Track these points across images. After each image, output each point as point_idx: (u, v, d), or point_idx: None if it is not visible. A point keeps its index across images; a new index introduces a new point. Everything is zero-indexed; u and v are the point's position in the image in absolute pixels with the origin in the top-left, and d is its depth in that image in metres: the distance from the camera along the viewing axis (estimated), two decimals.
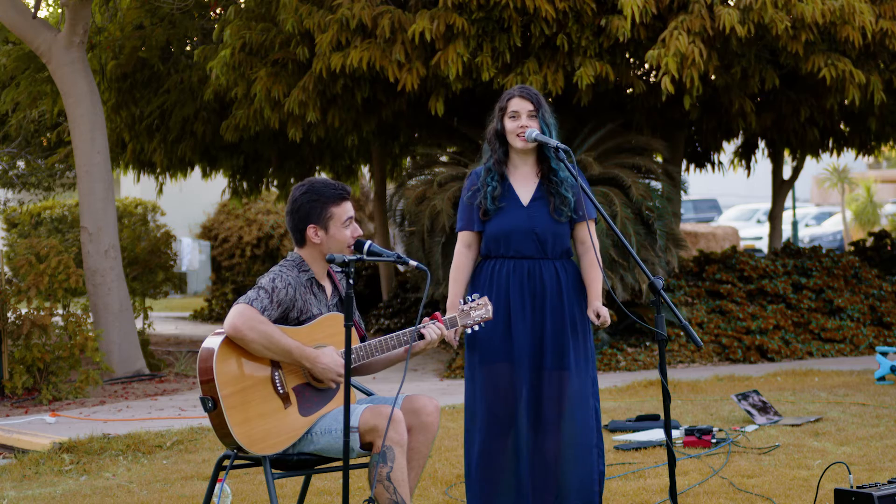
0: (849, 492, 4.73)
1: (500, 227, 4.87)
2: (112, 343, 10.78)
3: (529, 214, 4.86)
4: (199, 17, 13.34)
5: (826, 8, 9.79)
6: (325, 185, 4.57)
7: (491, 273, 4.90)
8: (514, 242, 4.86)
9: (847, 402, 8.32)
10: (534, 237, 4.85)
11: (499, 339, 4.85)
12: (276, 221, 23.15)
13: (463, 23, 9.93)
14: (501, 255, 4.90)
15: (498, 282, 4.87)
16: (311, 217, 4.53)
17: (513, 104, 4.88)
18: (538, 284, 4.84)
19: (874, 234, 16.29)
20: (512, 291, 4.85)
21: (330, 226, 4.53)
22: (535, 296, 4.84)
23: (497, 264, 4.90)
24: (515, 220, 4.86)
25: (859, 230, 27.79)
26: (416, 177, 12.34)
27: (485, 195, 4.88)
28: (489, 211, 4.87)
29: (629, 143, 11.93)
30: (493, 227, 4.89)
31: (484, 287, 4.88)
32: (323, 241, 4.54)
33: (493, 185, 4.88)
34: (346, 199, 4.57)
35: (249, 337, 4.31)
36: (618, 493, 5.68)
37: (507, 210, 4.87)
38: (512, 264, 4.87)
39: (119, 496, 6.04)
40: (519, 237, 4.85)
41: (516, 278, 4.86)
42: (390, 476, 4.32)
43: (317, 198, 4.54)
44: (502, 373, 4.84)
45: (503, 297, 4.85)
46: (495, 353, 4.85)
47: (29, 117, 14.78)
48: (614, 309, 11.36)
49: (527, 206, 4.88)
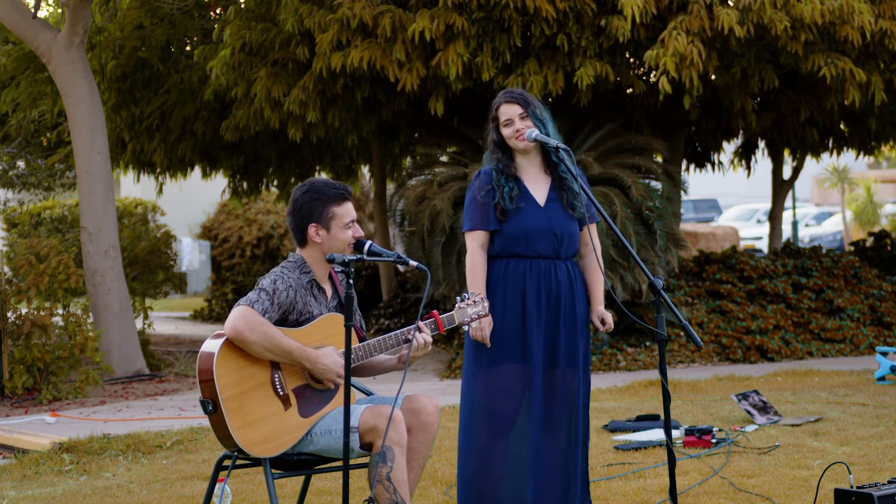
0: (849, 492, 4.73)
1: (520, 227, 4.87)
2: (112, 343, 10.78)
3: (547, 215, 4.89)
4: (199, 17, 13.34)
5: (825, 8, 9.80)
6: (326, 184, 4.58)
7: (504, 272, 4.89)
8: (532, 242, 4.87)
9: (847, 402, 8.32)
10: (552, 237, 4.87)
11: (512, 339, 4.85)
12: (276, 221, 23.15)
13: (463, 23, 9.93)
14: (517, 255, 4.89)
15: (514, 281, 4.87)
16: (312, 216, 4.53)
17: (502, 112, 4.91)
18: (553, 284, 4.87)
19: (874, 234, 16.29)
20: (528, 291, 4.86)
21: (332, 225, 4.53)
22: (549, 295, 4.86)
23: (511, 264, 4.90)
24: (535, 221, 4.87)
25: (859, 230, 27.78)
26: (416, 177, 12.34)
27: (502, 195, 4.88)
28: (507, 211, 4.87)
29: (629, 143, 11.93)
30: (512, 226, 4.88)
31: (497, 287, 4.88)
32: (324, 241, 4.54)
33: (511, 186, 4.89)
34: (347, 200, 4.57)
35: (251, 339, 4.31)
36: (618, 493, 5.68)
37: (525, 210, 4.88)
38: (528, 263, 4.88)
39: (119, 496, 6.04)
40: (538, 237, 4.87)
41: (532, 278, 4.87)
42: (390, 476, 4.32)
43: (318, 197, 4.54)
44: (513, 373, 4.85)
45: (519, 297, 4.86)
46: (507, 354, 4.85)
47: (29, 117, 14.78)
48: (614, 309, 11.36)
49: (544, 207, 4.90)
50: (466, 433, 4.94)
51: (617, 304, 10.80)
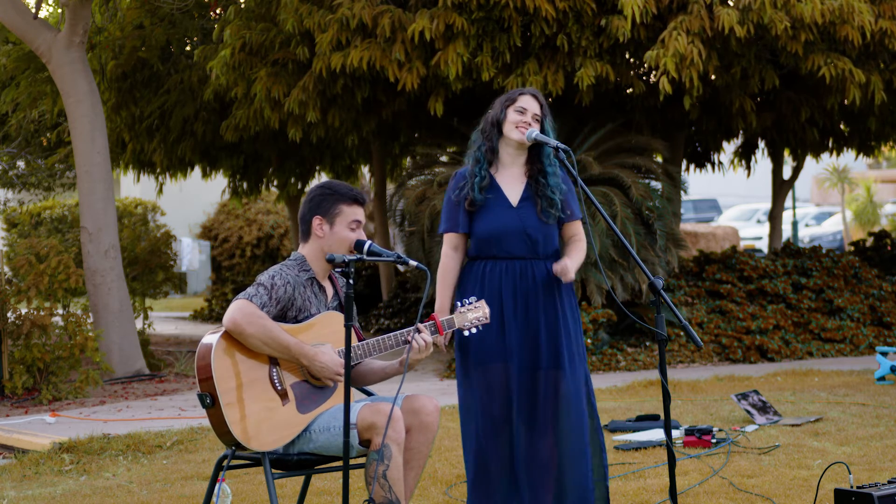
0: (849, 492, 4.72)
1: (491, 228, 4.84)
2: (112, 343, 10.78)
3: (519, 215, 4.84)
4: (199, 17, 13.34)
5: (825, 8, 9.80)
6: (343, 185, 4.62)
7: (482, 274, 4.86)
8: (505, 243, 4.83)
9: (847, 402, 8.32)
10: (525, 237, 4.82)
11: (492, 340, 4.81)
12: (276, 221, 23.15)
13: (463, 22, 9.93)
14: (493, 256, 4.86)
15: (490, 282, 4.84)
16: (319, 208, 4.56)
17: (523, 100, 4.86)
18: (531, 284, 4.82)
19: (874, 234, 16.29)
20: (504, 292, 4.82)
21: (336, 222, 4.54)
22: (527, 296, 4.82)
23: (488, 265, 4.86)
24: (506, 221, 4.83)
25: (859, 230, 27.79)
26: (416, 177, 12.35)
27: (472, 185, 4.84)
28: (476, 201, 4.82)
29: (629, 143, 11.93)
30: (483, 228, 4.85)
31: (474, 288, 4.84)
32: (325, 236, 4.55)
33: (482, 175, 4.85)
34: (359, 203, 4.57)
35: (248, 332, 4.32)
36: (618, 493, 5.68)
37: (496, 210, 4.84)
38: (504, 265, 4.84)
39: (119, 496, 6.04)
40: (510, 238, 4.82)
41: (509, 279, 4.83)
42: (386, 474, 4.32)
43: (331, 192, 4.58)
44: (497, 373, 4.82)
45: (496, 298, 4.82)
46: (489, 355, 4.82)
47: (29, 117, 14.78)
48: (614, 309, 11.37)
49: (516, 207, 4.86)
50: (462, 434, 4.93)
51: (617, 304, 10.81)
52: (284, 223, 22.99)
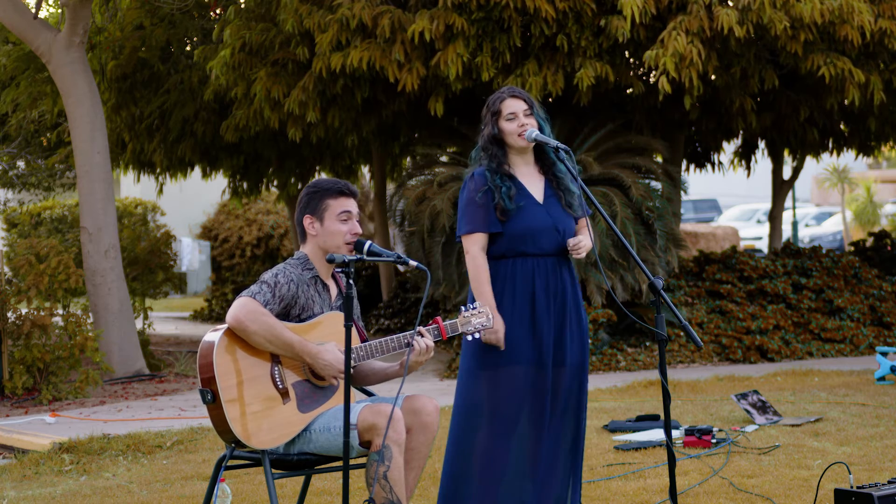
0: (849, 492, 4.73)
1: (525, 226, 4.82)
2: (112, 343, 10.78)
3: (548, 212, 4.87)
4: (199, 17, 13.35)
5: (825, 7, 9.80)
6: (328, 181, 4.65)
7: (512, 272, 4.84)
8: (538, 240, 4.83)
9: (847, 402, 8.32)
10: (556, 233, 4.84)
11: (522, 340, 4.79)
12: (276, 221, 23.15)
13: (463, 23, 9.94)
14: (523, 254, 4.85)
15: (523, 280, 4.83)
16: (308, 208, 4.59)
17: (507, 106, 4.85)
18: (559, 282, 4.85)
19: (874, 234, 16.29)
20: (538, 290, 4.82)
21: (325, 217, 4.55)
22: (556, 294, 4.84)
23: (518, 263, 4.85)
24: (538, 218, 4.83)
25: (859, 230, 27.78)
26: (416, 177, 12.35)
27: (501, 196, 4.82)
28: (508, 211, 4.82)
29: (629, 144, 11.93)
30: (516, 225, 4.83)
31: (506, 286, 4.82)
32: (319, 234, 4.56)
33: (508, 185, 4.85)
34: (345, 195, 4.58)
35: (251, 329, 4.32)
36: (618, 493, 5.68)
37: (526, 208, 4.84)
38: (535, 262, 4.84)
39: (119, 496, 6.04)
40: (543, 234, 4.83)
41: (541, 277, 4.83)
42: (387, 475, 4.32)
43: (316, 190, 4.61)
44: (521, 375, 4.80)
45: (528, 296, 4.81)
46: (518, 356, 4.79)
47: (29, 117, 14.79)
48: (614, 309, 11.37)
49: (543, 204, 4.88)
50: (461, 433, 4.90)
51: (617, 304, 10.81)
52: (284, 223, 22.99)
